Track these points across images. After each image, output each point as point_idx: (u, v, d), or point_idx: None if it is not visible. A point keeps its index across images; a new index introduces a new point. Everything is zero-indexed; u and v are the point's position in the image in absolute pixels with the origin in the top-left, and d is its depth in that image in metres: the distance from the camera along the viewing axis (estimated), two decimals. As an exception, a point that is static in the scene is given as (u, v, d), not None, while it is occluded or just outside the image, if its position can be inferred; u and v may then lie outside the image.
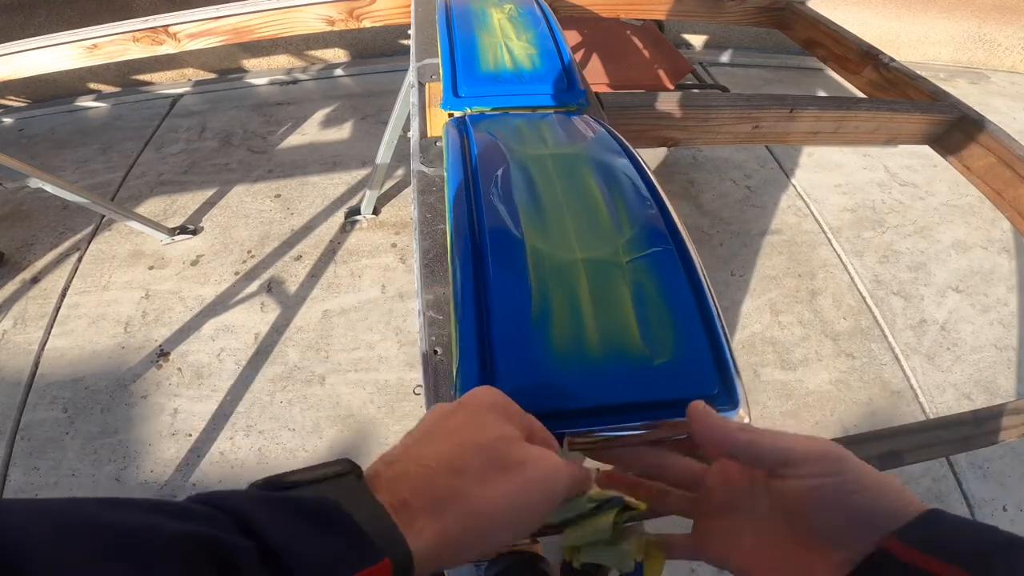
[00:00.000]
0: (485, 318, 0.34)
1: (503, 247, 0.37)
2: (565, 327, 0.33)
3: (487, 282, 0.35)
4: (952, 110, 0.82)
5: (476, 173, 0.44)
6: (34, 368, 1.40)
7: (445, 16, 0.74)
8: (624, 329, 0.34)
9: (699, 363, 0.33)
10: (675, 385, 0.32)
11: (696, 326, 0.34)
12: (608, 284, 0.36)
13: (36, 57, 1.00)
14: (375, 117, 2.14)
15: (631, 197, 0.43)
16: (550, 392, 0.31)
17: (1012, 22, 2.49)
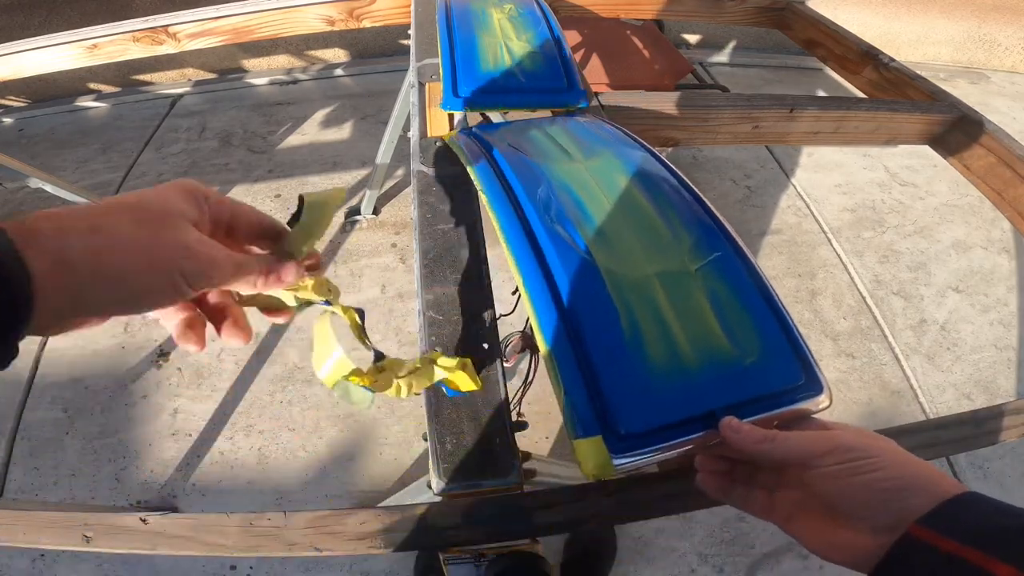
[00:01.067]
0: (580, 348, 0.35)
1: (578, 276, 0.38)
2: (658, 343, 0.35)
3: (573, 313, 0.36)
4: (952, 110, 0.82)
5: (524, 204, 0.44)
6: (34, 368, 1.40)
7: (445, 16, 0.74)
8: (711, 336, 0.36)
9: (783, 358, 0.35)
10: (767, 381, 0.34)
11: (772, 323, 0.36)
12: (685, 294, 0.37)
13: (36, 57, 1.00)
14: (375, 117, 2.14)
15: (675, 200, 0.44)
16: (660, 407, 0.33)
17: (1012, 22, 2.49)
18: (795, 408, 0.34)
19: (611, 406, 0.33)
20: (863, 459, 0.30)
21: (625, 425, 0.32)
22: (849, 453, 0.30)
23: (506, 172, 0.48)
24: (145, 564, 1.11)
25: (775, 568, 1.16)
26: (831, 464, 0.30)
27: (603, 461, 0.32)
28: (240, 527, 0.42)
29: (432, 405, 0.43)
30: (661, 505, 0.43)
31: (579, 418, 0.33)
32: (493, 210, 0.46)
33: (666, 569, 1.15)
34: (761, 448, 0.32)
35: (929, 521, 0.27)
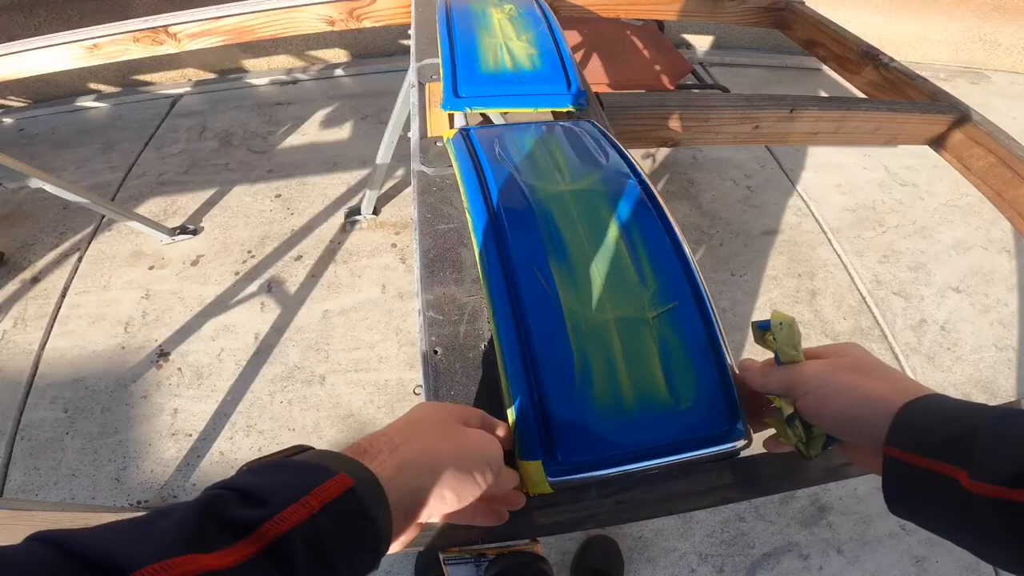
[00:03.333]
0: (535, 383, 0.40)
1: (544, 317, 0.42)
2: (604, 386, 0.40)
3: (533, 350, 0.41)
4: (952, 110, 0.82)
5: (502, 219, 0.47)
6: (34, 368, 1.40)
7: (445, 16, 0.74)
8: (653, 383, 0.40)
9: (714, 407, 0.40)
10: (694, 426, 0.39)
11: (712, 374, 0.41)
12: (638, 341, 0.42)
13: (36, 57, 1.00)
14: (375, 117, 2.14)
15: (649, 239, 0.47)
16: (596, 442, 0.38)
17: (1012, 22, 2.48)
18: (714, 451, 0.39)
19: (554, 437, 0.38)
20: (821, 388, 0.34)
21: (564, 454, 0.38)
22: (808, 384, 0.35)
23: (492, 187, 0.50)
24: (145, 564, 1.11)
25: (775, 568, 1.16)
26: (801, 396, 0.35)
27: (540, 480, 0.38)
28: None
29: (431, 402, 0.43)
30: (661, 505, 0.43)
31: (525, 444, 0.38)
32: (474, 230, 0.49)
33: (666, 569, 1.15)
34: (761, 380, 0.38)
35: (892, 439, 0.30)
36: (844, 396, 0.33)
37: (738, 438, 0.39)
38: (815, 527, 1.21)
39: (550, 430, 0.39)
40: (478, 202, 0.49)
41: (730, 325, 1.54)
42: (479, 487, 0.33)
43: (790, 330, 0.38)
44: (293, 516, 0.22)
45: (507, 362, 0.41)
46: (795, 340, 0.38)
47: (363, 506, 0.25)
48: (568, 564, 1.14)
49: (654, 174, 1.97)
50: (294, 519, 0.22)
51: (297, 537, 0.22)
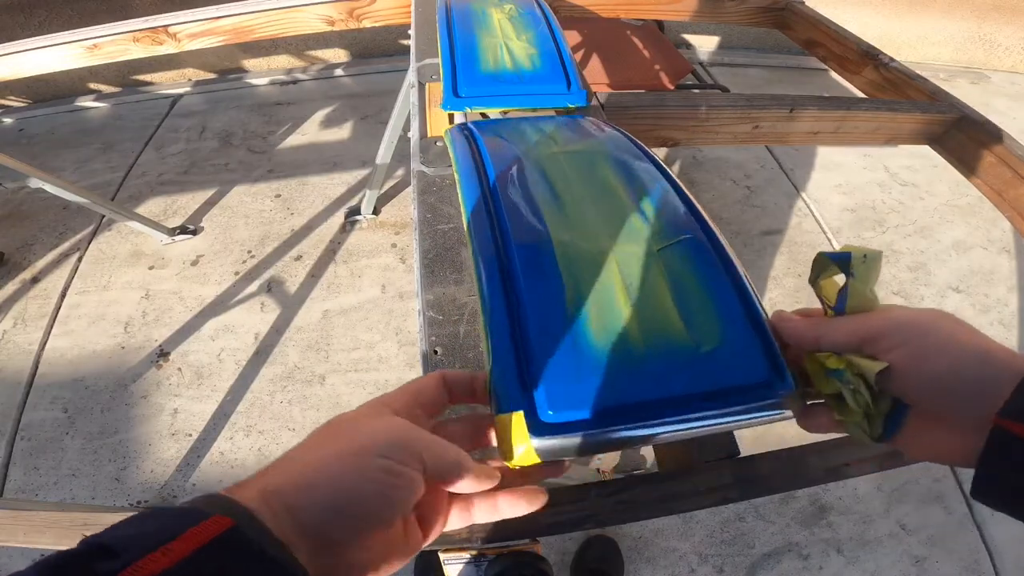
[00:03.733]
0: (517, 318, 0.32)
1: (529, 245, 0.35)
2: (603, 320, 0.31)
3: (516, 282, 0.33)
4: (952, 110, 0.82)
5: (491, 174, 0.43)
6: (34, 368, 1.40)
7: (445, 16, 0.74)
8: (665, 318, 0.31)
9: (746, 349, 0.30)
10: (724, 373, 0.29)
11: (738, 311, 0.32)
12: (643, 273, 0.33)
13: (36, 57, 1.00)
14: (375, 117, 2.14)
15: (651, 187, 0.41)
16: (595, 390, 0.29)
17: (1012, 22, 2.48)
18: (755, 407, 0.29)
19: (541, 383, 0.29)
20: (920, 339, 0.26)
21: (553, 404, 0.28)
22: (902, 333, 0.26)
23: (483, 152, 0.47)
24: (145, 564, 1.11)
25: (775, 568, 1.16)
26: (888, 348, 0.26)
27: (522, 442, 0.28)
28: (240, 527, 0.42)
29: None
30: (661, 505, 0.43)
31: (503, 392, 0.29)
32: (459, 179, 0.44)
33: (666, 569, 1.15)
34: (816, 333, 0.29)
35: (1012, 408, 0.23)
36: (955, 349, 0.25)
37: (785, 389, 0.29)
38: (815, 527, 1.21)
39: (534, 373, 0.29)
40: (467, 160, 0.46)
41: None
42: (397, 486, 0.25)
43: (876, 266, 0.28)
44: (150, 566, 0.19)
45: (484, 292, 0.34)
46: (876, 281, 0.29)
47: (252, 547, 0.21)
48: (568, 564, 1.14)
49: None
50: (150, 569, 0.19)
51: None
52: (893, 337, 0.26)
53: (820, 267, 0.30)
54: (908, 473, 1.28)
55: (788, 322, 0.30)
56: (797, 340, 0.30)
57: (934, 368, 0.25)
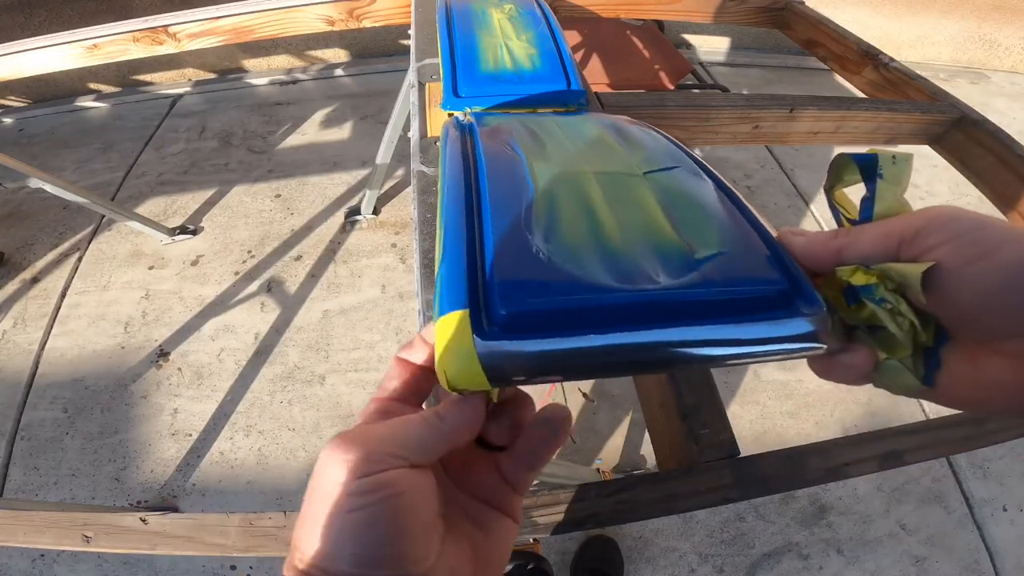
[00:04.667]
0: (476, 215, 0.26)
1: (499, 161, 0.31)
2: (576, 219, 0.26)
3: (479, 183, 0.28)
4: (952, 110, 0.82)
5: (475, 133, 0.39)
6: (34, 368, 1.40)
7: (445, 16, 0.74)
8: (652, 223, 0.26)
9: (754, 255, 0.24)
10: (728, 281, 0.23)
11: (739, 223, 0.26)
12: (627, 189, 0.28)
13: (36, 57, 1.00)
14: (375, 117, 2.14)
15: (640, 135, 0.36)
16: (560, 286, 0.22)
17: (1012, 22, 2.48)
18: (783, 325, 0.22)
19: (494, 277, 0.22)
20: (976, 231, 0.19)
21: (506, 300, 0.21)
22: (953, 226, 0.20)
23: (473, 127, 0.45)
24: (145, 564, 1.11)
25: (775, 568, 1.16)
26: (934, 246, 0.20)
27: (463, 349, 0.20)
28: (240, 527, 0.42)
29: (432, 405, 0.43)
30: (661, 505, 0.43)
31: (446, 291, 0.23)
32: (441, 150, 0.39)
33: (666, 569, 1.15)
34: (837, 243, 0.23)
35: None
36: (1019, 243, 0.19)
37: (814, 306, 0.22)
38: (815, 527, 1.21)
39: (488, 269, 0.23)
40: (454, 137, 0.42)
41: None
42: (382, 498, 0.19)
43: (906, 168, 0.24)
44: None
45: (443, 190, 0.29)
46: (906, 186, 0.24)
47: None
48: (568, 564, 1.14)
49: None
50: None
51: None
52: (940, 232, 0.20)
53: (840, 171, 0.25)
54: (908, 473, 1.28)
55: (800, 236, 0.24)
56: (812, 255, 0.23)
57: (994, 267, 0.19)
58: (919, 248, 0.20)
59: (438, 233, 0.27)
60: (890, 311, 0.21)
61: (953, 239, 0.20)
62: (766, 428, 1.35)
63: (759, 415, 1.36)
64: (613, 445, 1.29)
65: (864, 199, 0.24)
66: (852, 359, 0.23)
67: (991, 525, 1.22)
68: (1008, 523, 1.23)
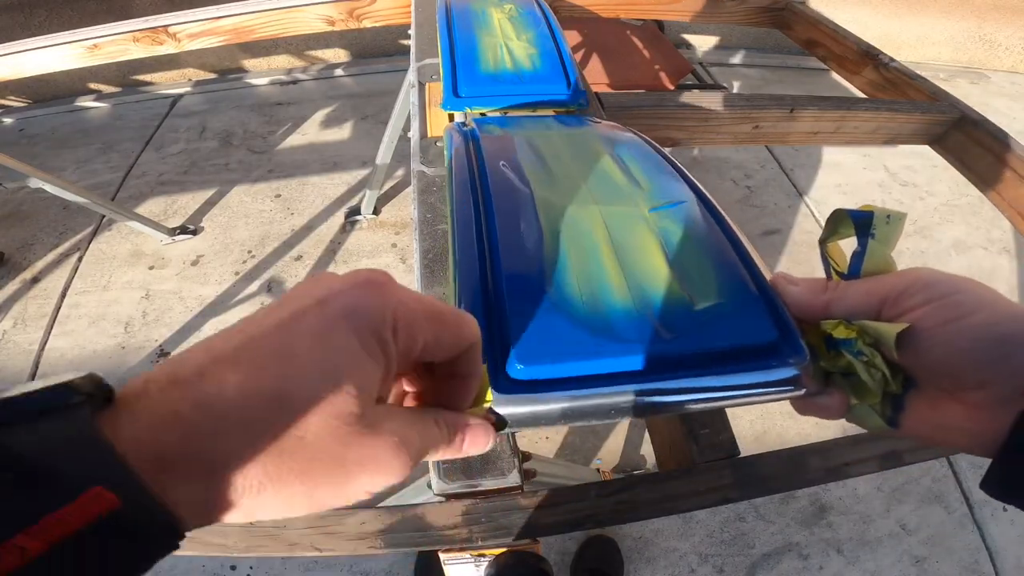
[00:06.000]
0: (489, 263, 0.29)
1: (507, 195, 0.32)
2: (584, 270, 0.27)
3: (490, 227, 0.30)
4: (952, 110, 0.82)
5: (480, 151, 0.41)
6: (34, 368, 1.40)
7: (445, 16, 0.74)
8: (654, 272, 0.28)
9: (748, 308, 0.26)
10: (723, 332, 0.26)
11: (737, 271, 0.28)
12: (631, 231, 0.30)
13: (36, 57, 1.00)
14: (375, 117, 2.14)
15: (643, 159, 0.38)
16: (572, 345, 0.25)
17: (1012, 22, 2.48)
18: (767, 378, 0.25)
19: (510, 334, 0.25)
20: (952, 296, 0.22)
21: (523, 357, 0.24)
22: (931, 290, 0.23)
23: (476, 136, 0.46)
24: (145, 564, 1.11)
25: (775, 568, 1.16)
26: (913, 307, 0.23)
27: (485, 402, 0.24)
28: (240, 527, 0.42)
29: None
30: (661, 505, 0.43)
31: None
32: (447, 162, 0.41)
33: (666, 569, 1.15)
34: (825, 298, 0.25)
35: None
36: (992, 308, 0.21)
37: (797, 356, 0.25)
38: (815, 527, 1.21)
39: (503, 323, 0.25)
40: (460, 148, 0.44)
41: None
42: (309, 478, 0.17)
43: (897, 229, 0.26)
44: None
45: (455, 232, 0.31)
46: (895, 244, 0.26)
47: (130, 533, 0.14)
48: (568, 564, 1.14)
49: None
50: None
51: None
52: (919, 295, 0.23)
53: (836, 225, 0.27)
54: (908, 473, 1.28)
55: (792, 285, 0.26)
56: (802, 306, 0.26)
57: (964, 328, 0.21)
58: (899, 309, 0.23)
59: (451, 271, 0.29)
60: (865, 363, 0.24)
61: (930, 302, 0.22)
62: (766, 428, 1.35)
63: (759, 415, 1.36)
64: (613, 445, 1.29)
65: (855, 253, 0.26)
66: (827, 402, 0.26)
67: (991, 525, 1.22)
68: (1008, 523, 1.23)
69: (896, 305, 0.23)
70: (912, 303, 0.23)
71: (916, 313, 0.23)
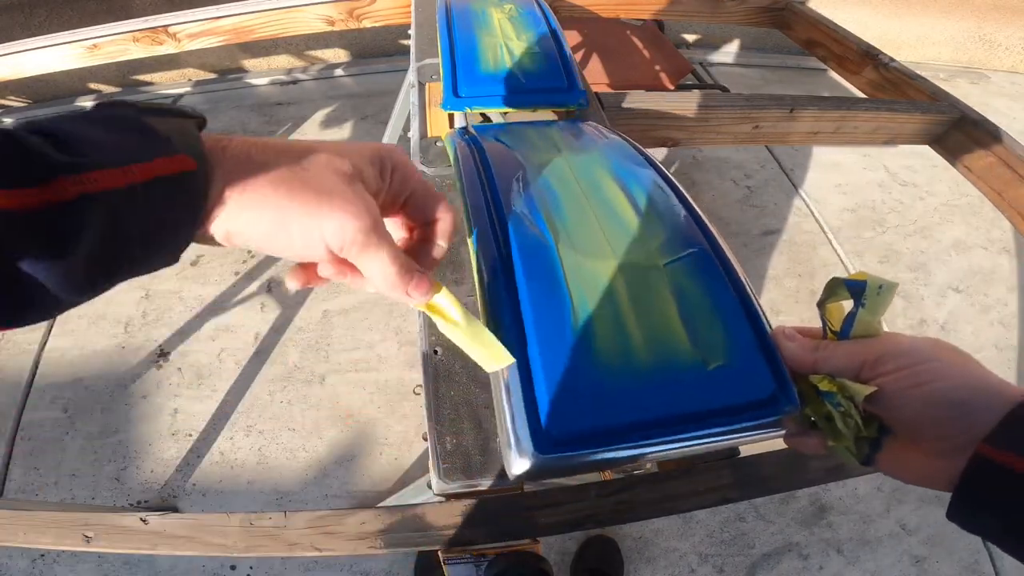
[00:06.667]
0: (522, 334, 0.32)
1: (534, 258, 0.36)
2: (609, 337, 0.32)
3: (521, 296, 0.34)
4: (952, 110, 0.82)
5: (494, 184, 0.43)
6: (34, 368, 1.40)
7: (445, 16, 0.74)
8: (671, 334, 0.32)
9: (752, 366, 0.31)
10: (730, 390, 0.30)
11: (744, 327, 0.33)
12: (648, 289, 0.34)
13: (36, 57, 1.00)
14: (375, 117, 2.14)
15: (656, 198, 0.41)
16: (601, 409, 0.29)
17: (1012, 22, 2.48)
18: (759, 424, 0.30)
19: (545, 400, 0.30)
20: (920, 365, 0.27)
21: (557, 425, 0.29)
22: (903, 358, 0.28)
23: (485, 157, 0.47)
24: (145, 564, 1.11)
25: (775, 568, 1.16)
26: (886, 372, 0.28)
27: None
28: (240, 527, 0.42)
29: (432, 405, 0.43)
30: (661, 505, 0.43)
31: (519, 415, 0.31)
32: (463, 194, 0.44)
33: (666, 569, 1.15)
34: (814, 356, 0.30)
35: (997, 439, 0.24)
36: (952, 377, 0.26)
37: (790, 405, 0.30)
38: (815, 527, 1.21)
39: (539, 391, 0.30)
40: (469, 167, 0.46)
41: (730, 325, 1.54)
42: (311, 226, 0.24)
43: (888, 298, 0.29)
44: (106, 180, 0.19)
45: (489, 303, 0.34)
46: (883, 313, 0.30)
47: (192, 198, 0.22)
48: (568, 564, 1.14)
49: (654, 174, 1.97)
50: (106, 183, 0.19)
51: (100, 206, 0.19)
52: (891, 362, 0.28)
53: (831, 291, 0.30)
54: (908, 473, 1.28)
55: (789, 341, 0.32)
56: (796, 362, 0.31)
57: (927, 393, 0.27)
58: (874, 372, 0.28)
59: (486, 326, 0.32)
60: (842, 413, 0.29)
61: (900, 369, 0.27)
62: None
63: (759, 415, 1.36)
64: (613, 445, 1.29)
65: (848, 315, 0.30)
66: (808, 441, 0.32)
67: (991, 525, 1.22)
68: (1008, 523, 1.22)
69: (872, 369, 0.28)
70: (885, 369, 0.28)
71: (887, 378, 0.28)
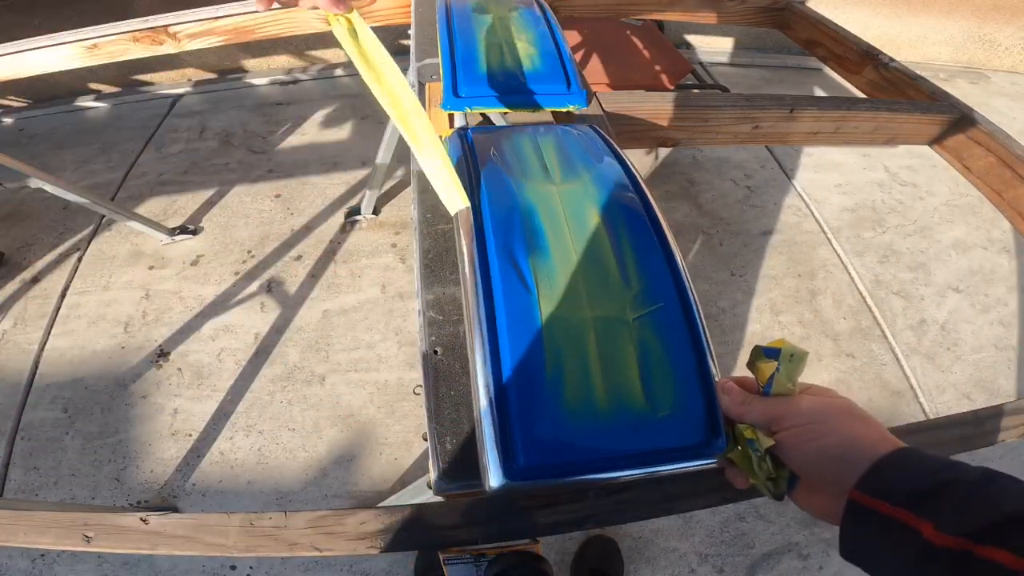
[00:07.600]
0: (500, 374, 0.38)
1: (516, 305, 0.41)
2: (576, 387, 0.38)
3: (503, 348, 0.39)
4: (952, 110, 0.82)
5: (484, 214, 0.46)
6: (34, 368, 1.40)
7: (445, 16, 0.74)
8: (629, 387, 0.38)
9: (693, 417, 0.38)
10: (670, 436, 0.37)
11: (692, 381, 0.39)
12: (615, 342, 0.40)
13: (36, 57, 1.00)
14: (375, 117, 2.14)
15: (638, 242, 0.45)
16: (561, 446, 0.36)
17: (1012, 22, 2.48)
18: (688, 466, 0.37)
19: (516, 438, 0.36)
20: (811, 424, 0.33)
21: (525, 457, 0.35)
22: (800, 418, 0.34)
23: (481, 183, 0.48)
24: (145, 564, 1.11)
25: (775, 568, 1.16)
26: (786, 428, 0.34)
27: None
28: (240, 527, 0.42)
29: (432, 405, 0.43)
30: (661, 505, 0.43)
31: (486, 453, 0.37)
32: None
33: (666, 569, 1.15)
34: (740, 410, 0.37)
35: (864, 485, 0.30)
36: (834, 435, 0.32)
37: (716, 453, 0.37)
38: (815, 527, 1.21)
39: (510, 431, 0.36)
40: None
41: (730, 325, 1.54)
42: None
43: (799, 364, 0.36)
44: None
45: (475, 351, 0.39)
46: (798, 375, 0.36)
47: None
48: (568, 564, 1.14)
49: (654, 174, 1.97)
50: None
51: None
52: (791, 420, 0.34)
53: (755, 356, 0.37)
54: (908, 473, 1.28)
55: (725, 395, 0.38)
56: (727, 412, 0.38)
57: (810, 448, 0.33)
58: (779, 427, 0.35)
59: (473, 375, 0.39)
60: (758, 457, 0.35)
61: (795, 427, 0.34)
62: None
63: (759, 415, 1.36)
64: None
65: (771, 376, 0.36)
66: (734, 477, 0.38)
67: (991, 525, 1.22)
68: (1008, 523, 1.22)
69: (778, 424, 0.35)
70: (785, 425, 0.34)
71: (787, 434, 0.34)
